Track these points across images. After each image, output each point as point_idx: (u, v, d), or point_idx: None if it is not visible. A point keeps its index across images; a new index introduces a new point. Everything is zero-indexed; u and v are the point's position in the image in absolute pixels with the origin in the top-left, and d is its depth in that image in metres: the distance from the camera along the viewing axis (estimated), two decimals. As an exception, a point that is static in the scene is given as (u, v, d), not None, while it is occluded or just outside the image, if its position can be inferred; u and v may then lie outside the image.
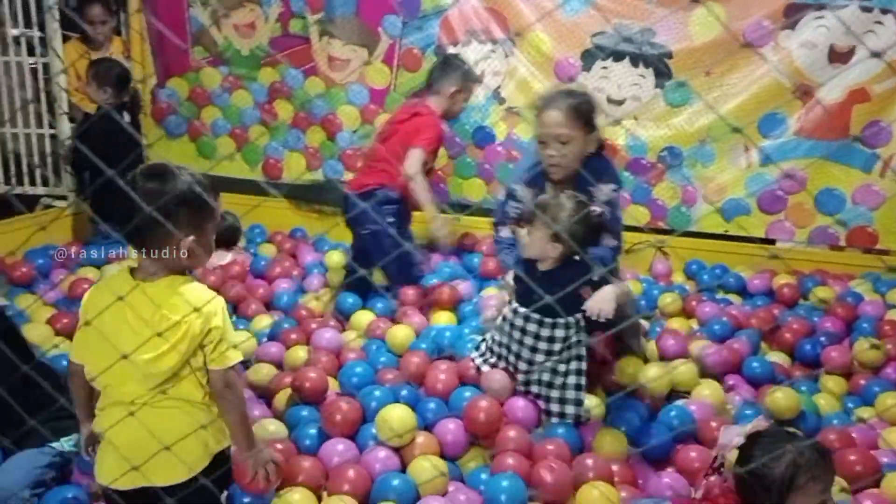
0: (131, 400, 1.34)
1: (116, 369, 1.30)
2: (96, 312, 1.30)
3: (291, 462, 1.77)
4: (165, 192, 1.29)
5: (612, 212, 2.13)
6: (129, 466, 1.30)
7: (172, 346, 1.31)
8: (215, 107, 3.86)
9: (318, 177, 3.70)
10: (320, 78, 3.70)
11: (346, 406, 1.94)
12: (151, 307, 1.30)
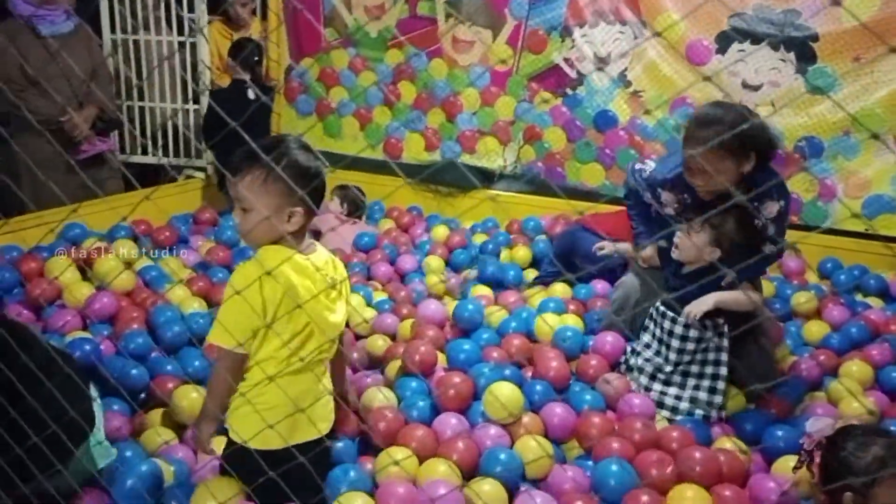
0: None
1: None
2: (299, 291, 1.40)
3: (403, 430, 1.84)
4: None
5: (777, 226, 2.04)
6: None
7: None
8: (342, 87, 4.01)
9: (437, 157, 3.76)
10: (444, 60, 3.74)
11: (459, 380, 1.99)
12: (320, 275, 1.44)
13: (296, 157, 1.38)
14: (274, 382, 1.37)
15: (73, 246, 2.76)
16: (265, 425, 1.29)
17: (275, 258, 1.37)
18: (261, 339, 1.42)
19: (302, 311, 1.39)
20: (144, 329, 2.30)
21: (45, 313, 2.39)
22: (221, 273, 2.80)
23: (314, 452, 1.35)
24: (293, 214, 1.41)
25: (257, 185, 1.37)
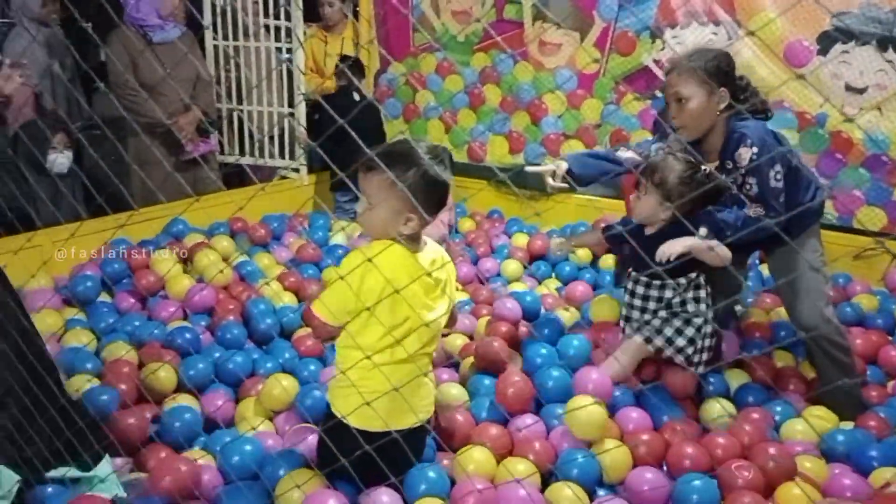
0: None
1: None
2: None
3: (477, 428, 1.87)
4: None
5: (760, 179, 1.96)
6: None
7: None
8: (429, 91, 4.08)
9: (520, 160, 3.77)
10: (530, 63, 3.75)
11: (519, 380, 1.99)
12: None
13: (425, 166, 1.45)
14: (378, 370, 1.45)
15: (175, 240, 2.95)
16: (368, 406, 1.36)
17: (386, 255, 1.45)
18: (360, 325, 1.50)
19: (401, 305, 1.45)
20: (240, 321, 2.44)
21: (149, 303, 2.57)
22: (311, 270, 2.91)
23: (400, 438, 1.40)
24: (410, 219, 1.48)
25: (386, 185, 1.44)
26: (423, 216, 1.47)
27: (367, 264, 1.41)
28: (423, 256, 1.55)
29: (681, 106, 2.01)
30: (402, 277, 1.46)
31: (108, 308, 2.47)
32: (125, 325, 2.35)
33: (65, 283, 2.58)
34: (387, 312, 1.48)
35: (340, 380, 1.55)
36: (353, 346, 1.51)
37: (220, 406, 1.94)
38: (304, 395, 1.98)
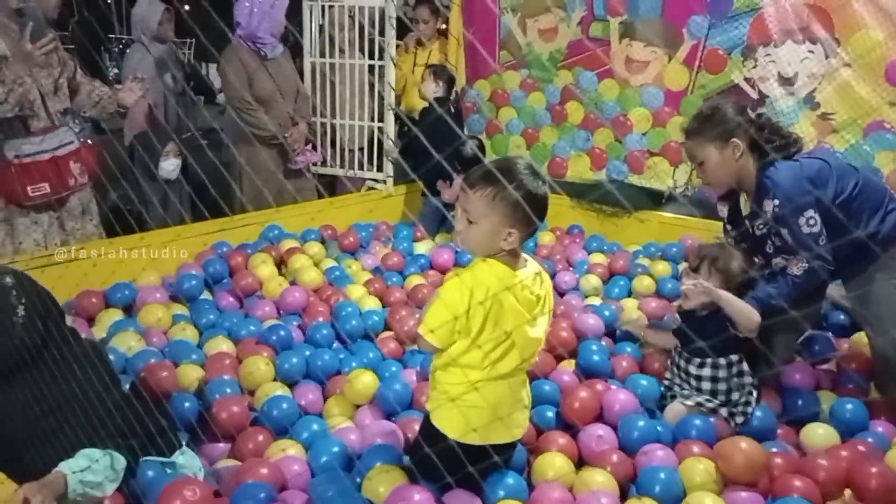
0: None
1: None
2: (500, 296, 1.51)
3: (545, 435, 1.91)
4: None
5: (789, 230, 1.98)
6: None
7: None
8: (512, 107, 4.15)
9: (602, 177, 3.77)
10: (615, 80, 3.76)
11: (585, 394, 2.02)
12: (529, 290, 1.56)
13: (525, 182, 1.48)
14: (475, 386, 1.52)
15: (271, 245, 3.12)
16: (466, 420, 1.46)
17: (486, 271, 1.50)
18: (465, 345, 1.54)
19: (503, 322, 1.50)
20: (329, 321, 2.56)
21: (246, 302, 2.74)
22: (395, 277, 3.02)
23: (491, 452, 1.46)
24: (511, 234, 1.51)
25: (485, 202, 1.49)
26: (528, 229, 1.52)
27: (470, 284, 1.48)
28: (523, 273, 1.58)
29: (702, 168, 2.12)
30: (504, 294, 1.50)
31: (210, 305, 2.65)
32: (224, 321, 2.52)
33: (171, 280, 2.79)
34: (490, 329, 1.52)
35: (441, 393, 1.60)
36: (452, 363, 1.56)
37: (312, 399, 2.05)
38: (385, 389, 2.08)
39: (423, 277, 3.01)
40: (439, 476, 1.54)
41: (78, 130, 2.82)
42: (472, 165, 1.62)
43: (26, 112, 2.62)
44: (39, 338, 1.45)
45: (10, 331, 1.43)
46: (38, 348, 1.46)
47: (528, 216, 1.49)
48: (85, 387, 1.49)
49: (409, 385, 2.13)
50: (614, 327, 2.56)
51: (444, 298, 1.52)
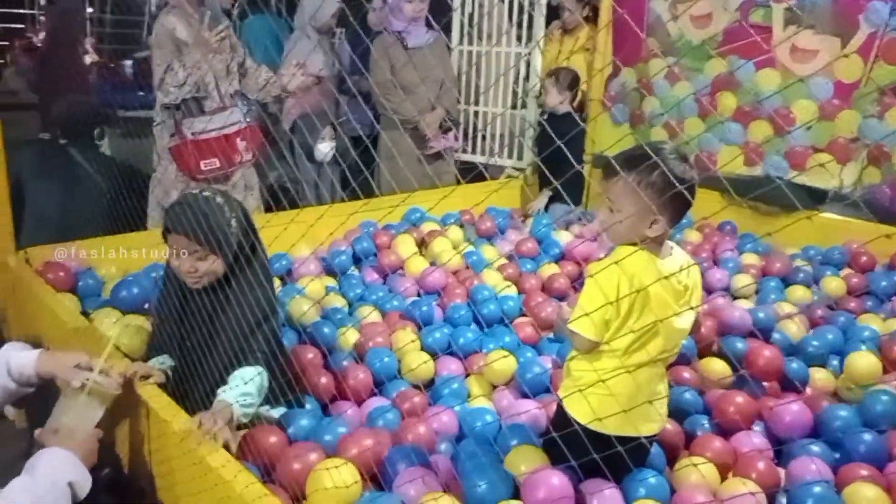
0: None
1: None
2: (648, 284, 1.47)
3: (698, 439, 1.85)
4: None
5: None
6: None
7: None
8: (656, 97, 4.00)
9: (757, 172, 3.56)
10: (776, 70, 3.52)
11: (742, 401, 1.93)
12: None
13: (672, 167, 1.42)
14: (613, 375, 1.48)
15: (414, 227, 3.23)
16: (600, 408, 1.44)
17: (633, 261, 1.46)
18: (612, 333, 1.52)
19: (650, 312, 1.47)
20: (466, 302, 2.62)
21: (389, 280, 2.86)
22: (529, 264, 3.02)
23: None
24: (656, 221, 1.46)
25: (629, 189, 1.45)
26: (675, 215, 1.48)
27: (617, 273, 1.45)
28: (669, 261, 1.54)
29: None
30: (649, 282, 1.46)
31: (357, 279, 2.79)
32: (371, 294, 2.65)
33: (322, 254, 2.96)
34: (634, 318, 1.49)
35: (576, 380, 1.59)
36: (592, 351, 1.55)
37: (454, 370, 2.14)
38: (524, 369, 2.10)
39: (557, 267, 2.99)
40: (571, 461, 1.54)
41: (245, 111, 3.05)
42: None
43: (202, 94, 2.87)
44: (242, 250, 1.63)
45: (228, 239, 1.60)
46: (242, 259, 1.63)
47: (676, 203, 1.44)
48: (262, 306, 1.65)
49: (548, 368, 2.14)
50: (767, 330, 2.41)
51: (593, 292, 1.50)
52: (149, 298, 2.26)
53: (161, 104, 2.86)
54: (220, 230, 1.59)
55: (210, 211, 1.61)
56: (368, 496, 1.48)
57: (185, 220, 1.59)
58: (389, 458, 1.64)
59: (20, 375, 1.43)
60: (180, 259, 1.62)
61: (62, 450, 1.29)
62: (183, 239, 1.60)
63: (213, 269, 1.63)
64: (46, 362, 1.46)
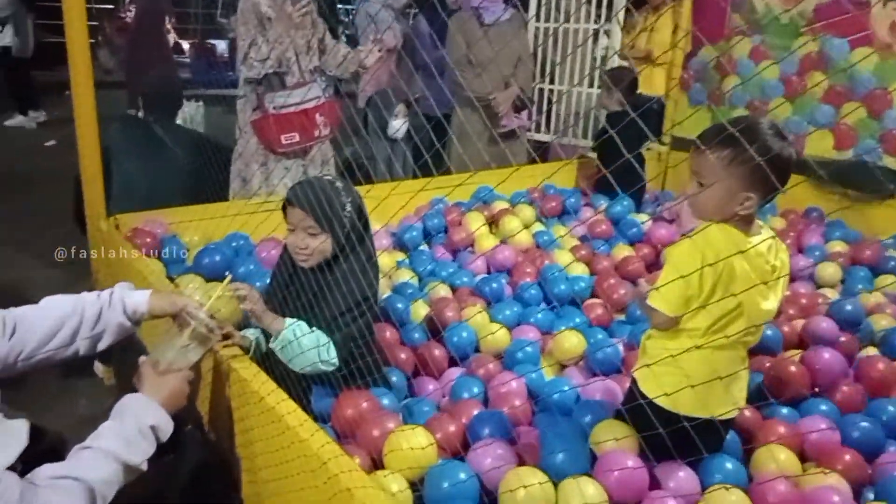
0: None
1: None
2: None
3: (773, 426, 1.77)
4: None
5: None
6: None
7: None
8: (739, 76, 3.83)
9: (847, 156, 3.37)
10: (874, 48, 3.32)
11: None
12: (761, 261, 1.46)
13: (768, 143, 1.36)
14: (696, 354, 1.44)
15: (484, 205, 3.22)
16: (676, 388, 1.39)
17: (718, 237, 1.42)
18: (693, 311, 1.48)
19: (733, 291, 1.41)
20: (536, 281, 2.60)
21: (458, 256, 2.86)
22: (603, 246, 2.97)
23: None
24: (748, 199, 1.41)
25: (721, 164, 1.40)
26: (767, 193, 1.41)
27: (701, 247, 1.41)
28: (757, 240, 1.47)
29: None
30: (736, 260, 1.41)
31: (427, 255, 2.81)
32: (441, 270, 2.66)
33: (392, 229, 2.99)
34: (718, 296, 1.43)
35: (651, 359, 1.56)
36: (672, 328, 1.51)
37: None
38: (595, 348, 2.07)
39: (631, 249, 2.93)
40: (645, 443, 1.52)
41: (323, 87, 3.10)
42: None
43: (283, 69, 2.93)
44: (355, 234, 1.67)
45: (342, 221, 1.65)
46: (351, 242, 1.67)
47: (770, 181, 1.36)
48: (363, 291, 1.68)
49: (618, 348, 2.11)
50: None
51: (674, 265, 1.47)
52: (230, 266, 2.34)
53: (244, 79, 2.94)
54: (335, 210, 1.64)
55: (328, 192, 1.66)
56: (442, 463, 1.50)
57: (303, 196, 1.65)
58: (471, 426, 1.65)
59: (133, 314, 1.51)
60: (295, 234, 1.69)
61: (143, 395, 1.35)
62: (299, 213, 1.66)
63: (322, 248, 1.67)
64: (158, 301, 1.53)
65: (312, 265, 1.70)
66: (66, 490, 1.16)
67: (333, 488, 1.24)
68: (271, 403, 1.45)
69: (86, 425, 1.35)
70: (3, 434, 1.24)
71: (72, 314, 1.44)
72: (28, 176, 5.50)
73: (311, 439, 1.34)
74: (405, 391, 1.92)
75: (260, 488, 1.56)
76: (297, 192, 1.68)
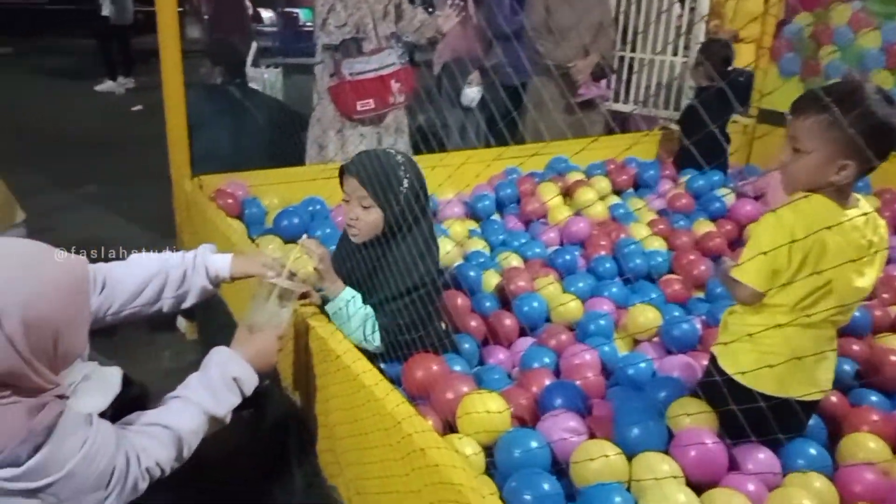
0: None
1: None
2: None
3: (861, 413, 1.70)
4: None
5: None
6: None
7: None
8: (835, 46, 3.60)
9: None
10: None
11: None
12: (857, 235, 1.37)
13: (872, 108, 1.28)
14: (781, 331, 1.38)
15: (558, 175, 3.16)
16: (760, 365, 1.34)
17: (811, 208, 1.35)
18: (780, 285, 1.41)
19: (826, 266, 1.34)
20: (610, 255, 2.54)
21: (531, 227, 2.83)
22: (682, 221, 2.87)
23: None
24: (845, 167, 1.33)
25: (818, 129, 1.33)
26: (868, 162, 1.32)
27: (790, 220, 1.35)
28: (853, 213, 1.39)
29: None
30: (829, 234, 1.33)
31: (498, 225, 2.79)
32: (513, 240, 2.64)
33: (465, 198, 2.98)
34: (807, 272, 1.36)
35: (733, 335, 1.50)
36: (757, 303, 1.45)
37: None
38: (670, 326, 2.01)
39: (713, 225, 2.81)
40: (723, 423, 1.47)
41: (399, 53, 3.09)
42: None
43: (361, 35, 2.93)
44: (411, 213, 1.64)
45: (398, 196, 1.62)
46: (407, 222, 1.65)
47: (872, 149, 1.26)
48: (420, 270, 1.65)
49: (696, 325, 2.04)
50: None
51: (760, 237, 1.40)
52: (307, 229, 2.38)
53: (322, 45, 2.96)
54: (390, 184, 1.61)
55: (386, 164, 1.63)
56: (514, 431, 1.49)
57: (360, 166, 1.63)
58: (543, 396, 1.64)
59: (215, 278, 1.56)
60: (349, 204, 1.67)
61: (229, 349, 1.39)
62: (354, 181, 1.63)
63: (372, 222, 1.63)
64: (241, 264, 1.57)
65: (363, 241, 1.66)
66: (157, 437, 1.21)
67: (407, 447, 1.26)
68: (347, 362, 1.48)
69: (168, 377, 1.41)
70: (99, 380, 1.31)
71: (157, 273, 1.49)
72: (115, 139, 5.77)
73: (387, 399, 1.36)
74: (477, 359, 1.92)
75: (335, 444, 1.60)
76: (354, 161, 1.65)
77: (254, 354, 1.39)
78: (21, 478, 1.02)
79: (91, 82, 7.73)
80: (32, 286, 1.02)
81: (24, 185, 2.92)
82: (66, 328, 1.07)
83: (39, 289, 1.03)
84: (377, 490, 1.41)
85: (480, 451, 1.41)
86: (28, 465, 1.01)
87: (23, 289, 1.01)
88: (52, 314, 1.04)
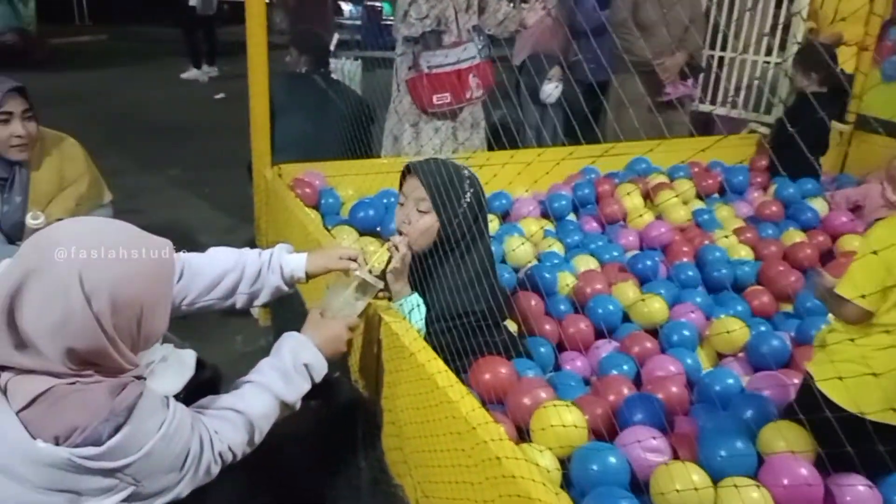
0: None
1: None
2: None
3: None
4: None
5: None
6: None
7: None
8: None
9: None
10: None
11: None
12: None
13: None
14: (885, 351, 1.29)
15: (639, 177, 3.04)
16: (861, 388, 1.26)
17: None
18: (891, 303, 1.32)
19: None
20: (693, 263, 2.42)
21: (608, 230, 2.73)
22: (771, 229, 2.71)
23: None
24: None
25: None
26: None
27: None
28: None
29: None
30: None
31: (574, 226, 2.71)
32: (589, 243, 2.55)
33: (540, 197, 2.90)
34: None
35: (832, 354, 1.40)
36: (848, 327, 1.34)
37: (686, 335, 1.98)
38: (758, 341, 1.89)
39: (804, 235, 2.65)
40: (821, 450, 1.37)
41: (480, 47, 3.04)
42: None
43: (442, 27, 2.90)
44: (468, 230, 1.59)
45: (456, 209, 1.58)
46: (465, 239, 1.61)
47: None
48: (469, 296, 1.61)
49: (786, 342, 1.91)
50: None
51: (872, 249, 1.29)
52: (381, 221, 2.37)
53: (403, 37, 2.94)
54: (452, 192, 1.57)
55: (452, 173, 1.60)
56: (591, 445, 1.43)
57: (425, 167, 1.61)
58: (623, 409, 1.57)
59: (290, 278, 1.55)
60: (405, 206, 1.63)
61: (301, 334, 1.38)
62: (416, 181, 1.61)
63: (426, 228, 1.59)
64: (318, 260, 1.56)
65: (415, 248, 1.61)
66: (231, 421, 1.21)
67: (482, 454, 1.21)
68: (421, 360, 1.44)
69: (241, 361, 1.41)
70: (175, 363, 1.32)
71: (233, 269, 1.49)
72: (198, 125, 5.95)
73: (461, 402, 1.32)
74: (552, 363, 1.86)
75: (402, 443, 1.57)
76: (420, 162, 1.62)
77: (324, 340, 1.38)
78: (101, 457, 1.02)
79: (177, 70, 8.01)
80: (122, 267, 1.03)
81: (111, 166, 3.03)
82: (149, 310, 1.08)
83: (128, 270, 1.03)
84: (446, 495, 1.37)
85: (558, 468, 1.34)
86: (108, 445, 1.02)
87: (113, 270, 1.02)
88: (138, 295, 1.04)
